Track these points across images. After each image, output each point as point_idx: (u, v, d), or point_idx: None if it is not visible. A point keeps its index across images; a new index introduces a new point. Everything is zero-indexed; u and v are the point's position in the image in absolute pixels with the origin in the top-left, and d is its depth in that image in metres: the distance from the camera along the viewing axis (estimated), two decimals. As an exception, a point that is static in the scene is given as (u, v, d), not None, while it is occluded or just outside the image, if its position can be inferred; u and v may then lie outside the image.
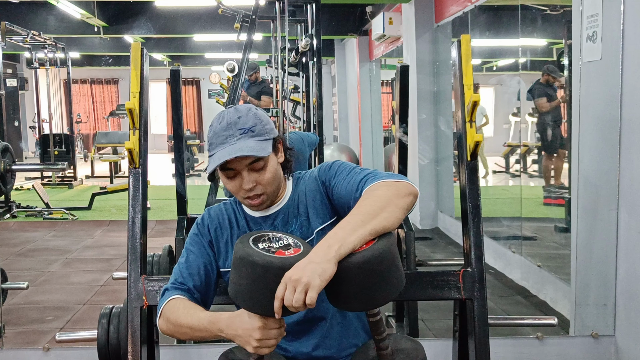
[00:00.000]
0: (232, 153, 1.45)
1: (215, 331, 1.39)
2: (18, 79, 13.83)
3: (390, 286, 1.31)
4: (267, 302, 1.27)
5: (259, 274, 1.28)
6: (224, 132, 1.48)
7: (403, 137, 3.14)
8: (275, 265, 1.28)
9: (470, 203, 1.81)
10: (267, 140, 1.50)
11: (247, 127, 1.48)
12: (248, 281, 1.30)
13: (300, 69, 5.72)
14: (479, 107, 1.99)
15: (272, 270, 1.28)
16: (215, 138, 1.50)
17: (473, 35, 5.49)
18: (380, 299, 1.31)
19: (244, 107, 1.53)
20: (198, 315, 1.44)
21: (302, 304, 1.23)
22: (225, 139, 1.48)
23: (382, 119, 10.70)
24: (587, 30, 2.85)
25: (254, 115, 1.51)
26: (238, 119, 1.49)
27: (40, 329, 3.68)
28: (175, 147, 3.16)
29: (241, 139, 1.47)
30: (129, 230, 1.79)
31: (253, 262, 1.29)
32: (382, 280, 1.29)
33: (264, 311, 1.29)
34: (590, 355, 2.79)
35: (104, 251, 5.71)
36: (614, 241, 2.73)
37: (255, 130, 1.49)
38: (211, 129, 1.52)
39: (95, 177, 10.97)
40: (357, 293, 1.28)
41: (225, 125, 1.49)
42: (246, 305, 1.32)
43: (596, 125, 2.89)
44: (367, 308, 1.33)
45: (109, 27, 9.03)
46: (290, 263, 1.28)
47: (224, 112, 1.52)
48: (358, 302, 1.30)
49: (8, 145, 7.11)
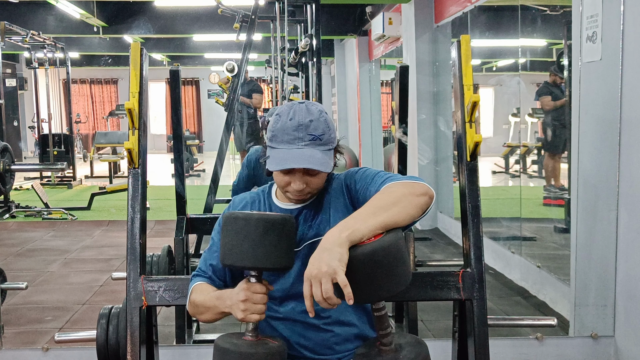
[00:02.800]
0: (300, 162, 1.47)
1: (221, 307, 1.48)
2: (17, 78, 13.83)
3: (396, 280, 1.33)
4: (247, 253, 1.40)
5: (241, 226, 1.41)
6: (293, 132, 1.49)
7: (403, 138, 3.14)
8: (255, 217, 1.42)
9: (470, 203, 1.81)
10: (331, 151, 1.54)
11: (317, 135, 1.50)
12: (231, 237, 1.42)
13: (299, 69, 5.73)
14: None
15: (251, 222, 1.40)
16: (281, 134, 1.50)
17: (473, 36, 5.49)
18: (384, 292, 1.33)
19: (315, 109, 1.52)
20: (210, 294, 1.53)
21: (332, 293, 1.26)
22: (293, 140, 1.49)
23: (381, 119, 10.70)
24: (586, 31, 2.85)
25: (324, 121, 1.52)
26: (310, 123, 1.49)
27: (39, 329, 3.68)
28: (174, 147, 3.16)
29: (309, 146, 1.49)
30: (128, 231, 1.79)
31: (236, 217, 1.42)
32: (388, 273, 1.31)
33: (245, 262, 1.41)
34: (590, 356, 2.79)
35: (103, 251, 5.71)
36: (613, 242, 2.73)
37: (323, 139, 1.50)
38: (278, 120, 1.51)
39: (94, 177, 10.96)
40: (362, 284, 1.30)
41: (295, 125, 1.49)
42: (232, 260, 1.42)
43: (596, 125, 2.89)
44: (370, 300, 1.36)
45: (109, 27, 9.03)
46: (267, 218, 1.41)
47: (295, 107, 1.52)
48: (362, 294, 1.31)
49: (7, 145, 7.11)
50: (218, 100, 8.29)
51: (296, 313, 1.56)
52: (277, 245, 1.41)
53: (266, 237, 1.40)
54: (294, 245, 1.46)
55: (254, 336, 1.45)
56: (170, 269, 3.06)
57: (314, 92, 5.30)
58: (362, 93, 10.50)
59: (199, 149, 14.21)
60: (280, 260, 1.42)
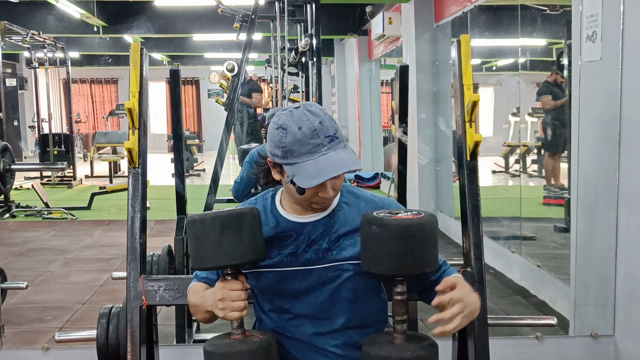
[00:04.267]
0: (337, 169, 1.39)
1: (205, 306, 1.49)
2: (17, 78, 13.82)
3: (423, 258, 1.39)
4: (209, 254, 1.40)
5: (198, 228, 1.41)
6: (310, 140, 1.40)
7: (402, 137, 3.14)
8: (210, 216, 1.41)
9: (470, 203, 1.81)
10: (347, 146, 1.47)
11: (332, 134, 1.42)
12: (193, 241, 1.43)
13: (299, 68, 5.73)
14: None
15: (207, 222, 1.40)
16: (299, 146, 1.40)
17: (473, 35, 5.49)
18: (411, 268, 1.37)
19: (315, 108, 1.45)
20: (198, 294, 1.54)
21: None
22: (314, 148, 1.40)
23: (381, 118, 10.70)
24: (586, 30, 2.85)
25: (330, 118, 1.44)
26: (321, 125, 1.41)
27: (39, 328, 3.68)
28: (174, 147, 3.16)
29: (332, 148, 1.41)
30: (128, 230, 1.79)
31: (194, 221, 1.42)
32: (417, 250, 1.37)
33: (208, 263, 1.42)
34: (590, 356, 2.79)
35: (103, 251, 5.71)
36: (613, 241, 2.73)
37: (339, 136, 1.44)
38: (284, 134, 1.41)
39: (94, 176, 10.96)
40: (391, 255, 1.36)
41: (309, 132, 1.40)
42: (198, 263, 1.43)
43: (596, 125, 2.89)
44: (395, 272, 1.39)
45: (109, 26, 9.03)
46: (222, 214, 1.40)
47: (299, 115, 1.42)
48: (389, 264, 1.37)
49: (7, 145, 7.11)
50: (218, 99, 8.30)
51: (308, 335, 1.53)
52: (238, 240, 1.39)
53: (225, 234, 1.39)
54: (260, 235, 1.44)
55: (240, 333, 1.44)
56: (171, 269, 3.06)
57: (314, 92, 5.30)
58: (362, 93, 10.51)
59: (199, 149, 14.21)
60: (246, 254, 1.40)
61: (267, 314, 1.58)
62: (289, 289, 1.52)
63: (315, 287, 1.52)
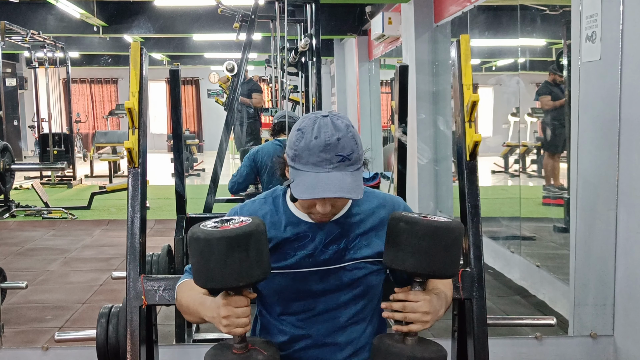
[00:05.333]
0: (329, 191, 1.37)
1: (203, 314, 1.42)
2: (17, 78, 13.82)
3: (448, 259, 1.41)
4: (215, 274, 1.33)
5: (202, 247, 1.33)
6: (320, 153, 1.38)
7: (402, 137, 3.14)
8: (216, 236, 1.32)
9: (470, 203, 1.81)
10: (360, 170, 1.43)
11: (345, 155, 1.38)
12: (197, 258, 1.35)
13: (299, 68, 5.72)
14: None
15: (212, 242, 1.32)
16: (307, 154, 1.39)
17: (472, 35, 5.49)
18: (434, 266, 1.39)
19: (342, 124, 1.40)
20: (194, 297, 1.47)
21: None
22: (320, 162, 1.38)
23: (381, 118, 10.70)
24: (586, 31, 2.86)
25: (352, 137, 1.40)
26: (337, 142, 1.37)
27: (39, 328, 3.68)
28: (174, 147, 3.16)
29: (337, 169, 1.38)
30: (128, 230, 1.79)
31: (197, 238, 1.34)
32: (443, 250, 1.39)
33: (214, 284, 1.35)
34: (589, 355, 2.79)
35: (103, 250, 5.71)
36: (612, 241, 2.74)
37: (352, 158, 1.39)
38: (301, 137, 1.40)
39: (94, 176, 10.96)
40: (417, 253, 1.39)
41: (322, 144, 1.37)
42: (203, 281, 1.37)
43: (595, 125, 2.89)
44: (417, 268, 1.40)
45: (109, 26, 9.03)
46: (229, 235, 1.32)
47: (320, 123, 1.39)
48: (414, 260, 1.39)
49: (7, 145, 7.11)
50: (218, 99, 8.30)
51: (318, 330, 1.54)
52: (245, 261, 1.33)
53: (231, 255, 1.32)
54: (266, 252, 1.38)
55: (243, 348, 1.39)
56: (170, 269, 3.06)
57: (313, 92, 5.30)
58: (362, 93, 10.50)
59: (199, 149, 14.20)
60: (253, 274, 1.35)
61: (278, 319, 1.57)
62: (305, 290, 1.52)
63: (332, 286, 1.53)
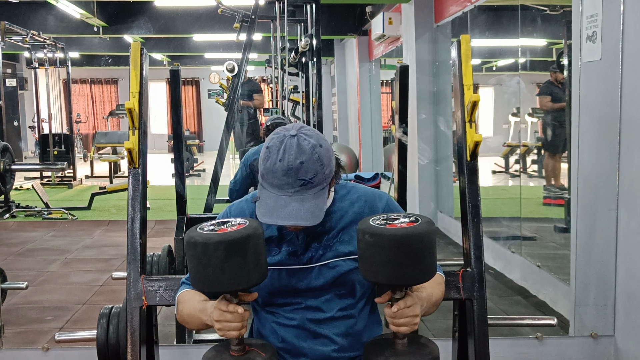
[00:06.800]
0: (285, 218, 1.40)
1: (203, 319, 1.45)
2: (17, 78, 13.82)
3: (421, 267, 1.36)
4: (213, 279, 1.33)
5: (200, 251, 1.33)
6: (282, 177, 1.40)
7: (403, 137, 3.14)
8: (214, 240, 1.32)
9: (470, 203, 1.81)
10: (324, 189, 1.44)
11: (308, 179, 1.41)
12: (195, 262, 1.34)
13: (299, 69, 5.73)
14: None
15: (210, 246, 1.31)
16: (271, 176, 1.42)
17: (473, 36, 5.49)
18: (408, 276, 1.36)
19: (308, 145, 1.42)
20: (195, 305, 1.50)
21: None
22: (282, 185, 1.41)
23: (381, 119, 10.70)
24: (586, 31, 2.85)
25: (317, 159, 1.42)
26: (300, 166, 1.40)
27: (39, 329, 3.68)
28: (174, 147, 3.15)
29: (299, 192, 1.41)
30: (128, 230, 1.79)
31: (195, 243, 1.33)
32: (415, 259, 1.34)
33: (212, 288, 1.35)
34: (590, 356, 2.79)
35: (103, 251, 5.71)
36: (613, 241, 2.73)
37: (315, 181, 1.42)
38: (268, 157, 1.42)
39: (94, 177, 10.96)
40: (388, 265, 1.34)
41: (285, 168, 1.40)
42: (200, 286, 1.37)
43: (596, 125, 2.89)
44: (392, 281, 1.37)
45: (109, 26, 9.02)
46: (227, 239, 1.32)
47: (287, 145, 1.41)
48: (387, 273, 1.35)
49: (7, 145, 7.11)
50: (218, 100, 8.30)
51: (306, 321, 1.55)
52: (243, 265, 1.33)
53: (229, 259, 1.32)
54: (264, 255, 1.39)
55: (240, 350, 1.39)
56: (171, 269, 3.06)
57: (314, 92, 5.31)
58: (362, 93, 10.50)
59: (199, 149, 14.20)
60: (251, 279, 1.35)
61: (264, 309, 1.59)
62: (290, 287, 1.54)
63: (316, 284, 1.54)
